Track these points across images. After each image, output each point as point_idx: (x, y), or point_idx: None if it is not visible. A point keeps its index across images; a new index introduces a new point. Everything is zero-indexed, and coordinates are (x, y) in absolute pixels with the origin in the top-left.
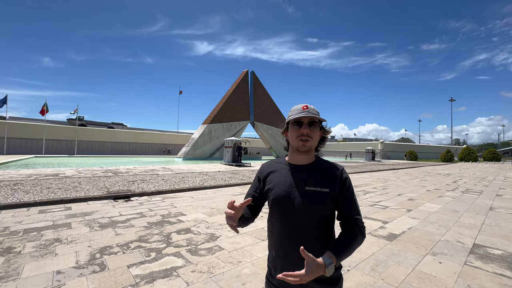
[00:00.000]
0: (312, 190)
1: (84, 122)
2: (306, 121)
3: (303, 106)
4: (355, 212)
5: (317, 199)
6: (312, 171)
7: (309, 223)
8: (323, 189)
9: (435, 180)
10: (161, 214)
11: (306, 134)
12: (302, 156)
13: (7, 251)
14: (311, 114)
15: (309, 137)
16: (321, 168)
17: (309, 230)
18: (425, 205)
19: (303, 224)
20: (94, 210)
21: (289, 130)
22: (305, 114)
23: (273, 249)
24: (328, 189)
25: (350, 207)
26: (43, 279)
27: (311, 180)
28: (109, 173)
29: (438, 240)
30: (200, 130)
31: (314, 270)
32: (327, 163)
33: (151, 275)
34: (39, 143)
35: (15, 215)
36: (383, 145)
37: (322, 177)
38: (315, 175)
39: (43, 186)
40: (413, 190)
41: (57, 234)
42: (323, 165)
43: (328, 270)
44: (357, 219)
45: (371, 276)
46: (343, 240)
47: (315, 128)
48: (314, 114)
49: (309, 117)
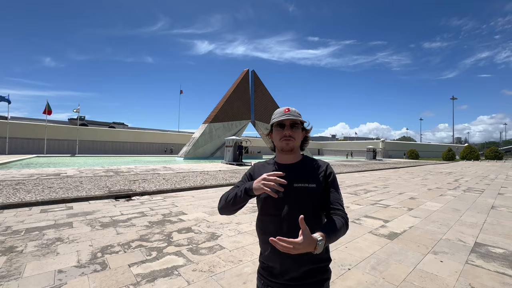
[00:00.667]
0: (300, 186)
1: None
2: (288, 123)
3: (285, 109)
4: (339, 204)
5: (304, 194)
6: (299, 169)
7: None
8: (310, 185)
9: (437, 179)
10: (162, 213)
11: (289, 135)
12: (288, 155)
13: (9, 251)
14: (292, 117)
15: (292, 138)
16: (307, 166)
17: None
18: (426, 204)
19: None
20: (95, 210)
21: (273, 132)
22: (287, 116)
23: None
24: (315, 184)
25: (335, 200)
26: (44, 278)
27: (298, 177)
28: (110, 173)
29: (440, 239)
30: (201, 130)
31: (305, 242)
32: (312, 161)
33: (152, 274)
34: (40, 143)
35: (17, 214)
36: (384, 144)
37: (308, 173)
38: (302, 172)
39: (45, 186)
40: (414, 189)
41: (58, 234)
42: (309, 163)
43: (318, 246)
44: (341, 210)
45: (372, 275)
46: (330, 224)
47: (297, 129)
48: (296, 116)
49: (291, 119)
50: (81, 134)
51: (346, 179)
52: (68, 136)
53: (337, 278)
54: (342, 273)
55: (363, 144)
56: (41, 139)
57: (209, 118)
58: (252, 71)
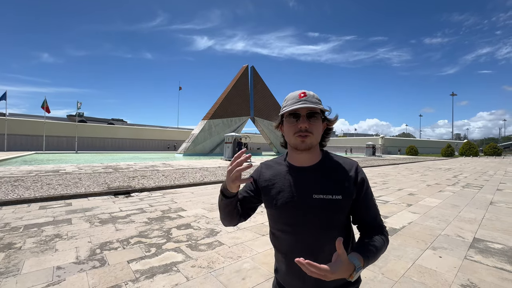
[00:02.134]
0: (322, 198)
1: (84, 118)
2: (304, 112)
3: (300, 93)
4: (377, 217)
5: (328, 208)
6: (320, 174)
7: (322, 237)
8: (335, 196)
9: (436, 175)
10: (161, 210)
11: (305, 129)
12: (303, 155)
13: (8, 247)
14: (310, 104)
15: (309, 133)
16: (330, 169)
17: (323, 245)
18: (425, 200)
19: (315, 238)
20: (94, 206)
21: (285, 124)
22: (303, 104)
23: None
24: (341, 196)
25: (370, 212)
26: (43, 274)
27: (319, 186)
28: (109, 169)
29: (438, 234)
30: (200, 126)
31: (341, 269)
32: (337, 161)
33: (151, 270)
34: (39, 139)
35: (16, 211)
36: (383, 140)
37: (332, 180)
38: (323, 178)
39: (44, 182)
40: (413, 185)
41: (57, 230)
42: (332, 165)
43: (355, 274)
44: (380, 225)
45: (371, 271)
46: (370, 244)
47: (316, 120)
48: (314, 102)
49: (308, 108)
50: (80, 131)
51: None
52: (67, 132)
53: None
54: None
55: (362, 141)
56: (40, 135)
57: (209, 114)
58: (252, 67)
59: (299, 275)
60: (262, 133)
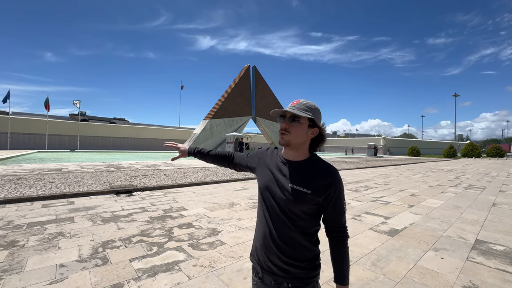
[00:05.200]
0: (295, 188)
1: (87, 117)
2: (287, 115)
3: (294, 100)
4: (342, 220)
5: (297, 198)
6: (300, 169)
7: (290, 220)
8: (305, 190)
9: (438, 176)
10: (163, 209)
11: (284, 128)
12: (289, 151)
13: (11, 245)
14: (295, 110)
15: (287, 132)
16: (311, 168)
17: (288, 226)
18: (427, 201)
19: (283, 219)
20: (96, 205)
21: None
22: (289, 108)
23: (257, 232)
24: (310, 191)
25: (338, 216)
26: (46, 272)
27: (295, 178)
28: (111, 168)
29: (440, 235)
30: (201, 126)
31: None
32: (319, 164)
33: (153, 269)
34: (42, 138)
35: (19, 209)
36: (385, 141)
37: (308, 177)
38: (302, 173)
39: (46, 181)
40: (415, 186)
41: (60, 228)
42: (314, 165)
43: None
44: (343, 228)
45: (372, 271)
46: (341, 261)
47: (295, 123)
48: (301, 109)
49: (290, 112)
50: (82, 130)
51: (347, 176)
52: (69, 131)
53: None
54: None
55: (364, 141)
56: (42, 134)
57: (210, 114)
58: (253, 67)
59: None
60: (264, 133)
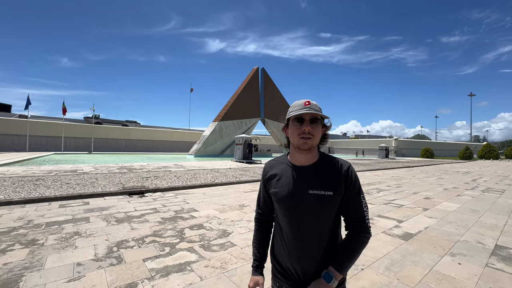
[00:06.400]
0: (315, 193)
1: (100, 120)
2: (308, 118)
3: (305, 101)
4: (358, 214)
5: (320, 203)
6: (316, 172)
7: (315, 228)
8: (327, 192)
9: (453, 179)
10: (174, 210)
11: (308, 131)
12: (304, 155)
13: (32, 243)
14: (313, 111)
15: (311, 135)
16: (325, 168)
17: (315, 235)
18: (442, 204)
19: (309, 229)
20: (110, 205)
21: (290, 127)
22: (307, 110)
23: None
24: (332, 192)
25: (354, 209)
26: (64, 270)
27: (314, 183)
28: (124, 170)
29: (457, 240)
30: (211, 128)
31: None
32: (332, 162)
33: (165, 269)
34: (58, 140)
35: (38, 209)
36: (397, 142)
37: (325, 178)
38: (318, 176)
39: (63, 182)
40: (429, 189)
41: (76, 228)
42: (327, 165)
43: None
44: (359, 223)
45: (386, 276)
46: (344, 252)
47: (317, 125)
48: (317, 110)
49: (311, 114)
50: (95, 132)
51: None
52: (83, 134)
53: (350, 278)
54: (355, 273)
55: (375, 143)
56: (59, 137)
57: (219, 116)
58: (262, 68)
59: (296, 259)
60: (272, 134)
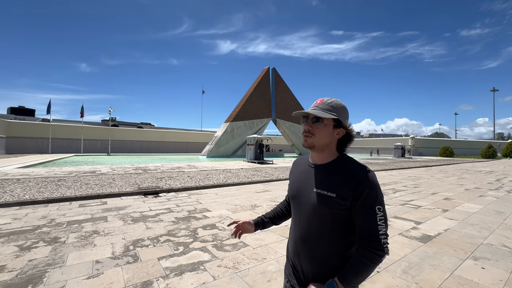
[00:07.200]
0: (319, 192)
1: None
2: (310, 117)
3: (317, 100)
4: (369, 228)
5: (322, 203)
6: (326, 172)
7: (316, 228)
8: (329, 193)
9: (475, 178)
10: (187, 210)
11: (308, 130)
12: (316, 153)
13: (54, 241)
14: (317, 111)
15: (311, 134)
16: (336, 169)
17: (316, 235)
18: (463, 205)
19: (310, 227)
20: (127, 205)
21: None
22: (311, 109)
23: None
24: (335, 194)
25: (363, 221)
26: (84, 267)
27: (320, 182)
28: (139, 170)
29: (480, 243)
30: (222, 128)
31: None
32: (346, 164)
33: (179, 268)
34: (78, 142)
35: (60, 208)
36: (414, 141)
37: (333, 179)
38: (327, 176)
39: (82, 182)
40: (449, 189)
41: (95, 227)
42: (341, 166)
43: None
44: (370, 238)
45: (403, 279)
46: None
47: (319, 124)
48: (324, 109)
49: (313, 114)
50: (112, 134)
51: None
52: (101, 136)
53: (365, 281)
54: (371, 276)
55: (390, 141)
56: (78, 139)
57: (231, 116)
58: (273, 68)
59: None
60: (284, 134)
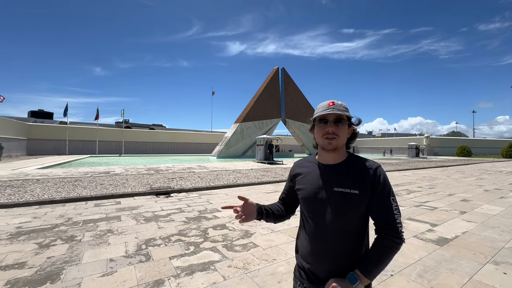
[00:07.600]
0: (341, 191)
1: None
2: (331, 118)
3: (329, 102)
4: (388, 218)
5: (345, 201)
6: (342, 171)
7: (338, 226)
8: (352, 191)
9: (495, 179)
10: (198, 210)
11: (332, 132)
12: (330, 154)
13: (71, 239)
14: (336, 111)
15: (335, 135)
16: (352, 167)
17: (338, 233)
18: (482, 207)
19: (332, 226)
20: (139, 205)
21: (315, 128)
22: (330, 111)
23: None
24: (358, 190)
25: (382, 212)
26: (99, 265)
27: (339, 181)
28: (151, 171)
29: (501, 247)
30: (232, 129)
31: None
32: (360, 161)
33: (190, 268)
34: (93, 144)
35: (76, 207)
36: (429, 140)
37: (352, 177)
38: (345, 174)
39: (97, 183)
40: (467, 190)
41: (109, 226)
42: (355, 164)
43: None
44: (388, 226)
45: (419, 283)
46: (372, 256)
47: (342, 125)
48: (341, 110)
49: (335, 114)
50: (125, 136)
51: None
52: (115, 137)
53: (378, 284)
54: (384, 279)
55: (404, 141)
56: (93, 141)
57: (240, 117)
58: (282, 68)
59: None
60: (294, 134)
